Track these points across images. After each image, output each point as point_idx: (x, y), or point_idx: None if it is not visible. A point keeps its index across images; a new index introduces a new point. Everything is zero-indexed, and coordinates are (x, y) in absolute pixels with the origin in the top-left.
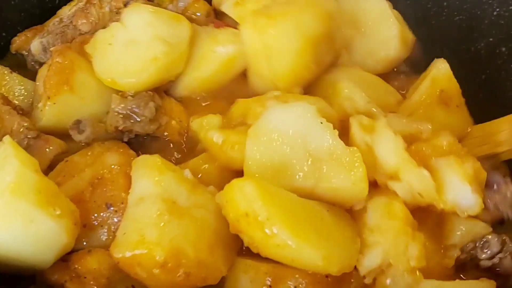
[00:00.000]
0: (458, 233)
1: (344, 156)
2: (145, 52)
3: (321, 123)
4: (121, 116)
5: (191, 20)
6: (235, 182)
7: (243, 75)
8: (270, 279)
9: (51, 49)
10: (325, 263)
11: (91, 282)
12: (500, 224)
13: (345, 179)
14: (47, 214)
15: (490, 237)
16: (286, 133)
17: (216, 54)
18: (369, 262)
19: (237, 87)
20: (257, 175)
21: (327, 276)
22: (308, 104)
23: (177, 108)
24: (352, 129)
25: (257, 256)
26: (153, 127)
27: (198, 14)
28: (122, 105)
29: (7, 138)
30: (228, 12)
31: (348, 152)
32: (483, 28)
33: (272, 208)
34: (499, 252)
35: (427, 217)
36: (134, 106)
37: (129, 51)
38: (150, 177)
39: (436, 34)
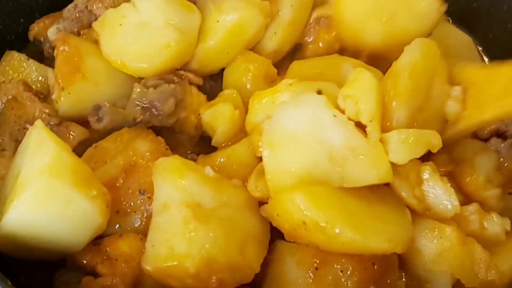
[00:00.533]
0: None
1: (366, 151)
2: (158, 37)
3: (335, 116)
4: (139, 108)
5: None
6: (283, 195)
7: None
8: (317, 261)
9: (52, 38)
10: (391, 245)
11: (122, 265)
12: None
13: (371, 175)
14: (84, 194)
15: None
16: (300, 134)
17: (220, 24)
18: None
19: None
20: (280, 185)
21: (373, 263)
22: (317, 96)
23: (198, 100)
24: (400, 193)
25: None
26: (171, 121)
27: None
28: (143, 97)
29: (39, 122)
30: None
31: (369, 146)
32: (501, 14)
33: (328, 210)
34: None
35: None
36: (154, 99)
37: (141, 35)
38: (172, 182)
39: (454, 20)
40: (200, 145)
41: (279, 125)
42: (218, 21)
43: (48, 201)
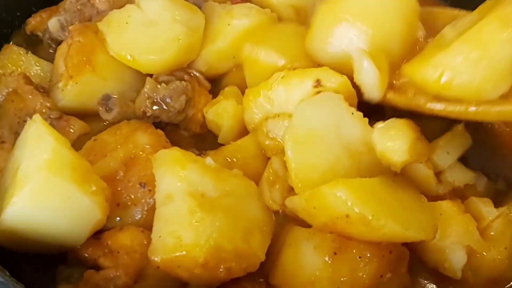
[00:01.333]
0: None
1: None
2: (167, 32)
3: (352, 113)
4: (150, 102)
5: None
6: (325, 189)
7: None
8: (337, 246)
9: (70, 28)
10: (426, 233)
11: (125, 257)
12: None
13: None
14: (83, 191)
15: None
16: (321, 131)
17: (231, 27)
18: (460, 262)
19: None
20: (306, 180)
21: (390, 251)
22: (335, 95)
23: (205, 100)
24: None
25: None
26: (179, 118)
27: None
28: (155, 92)
29: (38, 117)
30: None
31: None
32: None
33: (372, 203)
34: None
35: None
36: (166, 96)
37: (149, 31)
38: (174, 173)
39: None
40: (201, 142)
41: (301, 123)
42: (229, 24)
43: (47, 197)
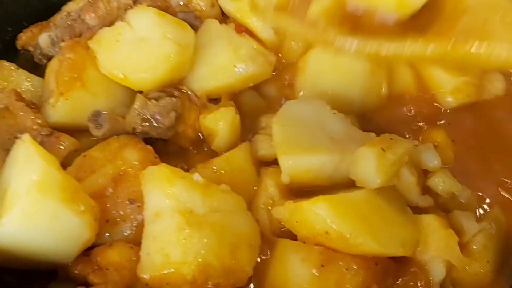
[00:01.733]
0: None
1: (361, 138)
2: (158, 50)
3: (334, 113)
4: (140, 118)
5: (200, 13)
6: (306, 205)
7: None
8: (324, 259)
9: (61, 44)
10: (404, 249)
11: (114, 273)
12: None
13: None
14: (72, 210)
15: None
16: (305, 119)
17: (236, 70)
18: (438, 276)
19: None
20: (287, 154)
21: (376, 263)
22: (320, 99)
23: (195, 115)
24: None
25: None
26: (169, 134)
27: (202, 4)
28: (145, 109)
29: (26, 137)
30: (225, 7)
31: (364, 135)
32: None
33: (351, 222)
34: None
35: None
36: (156, 112)
37: (140, 49)
38: (162, 190)
39: None
40: (190, 155)
41: (287, 113)
42: (235, 66)
43: (36, 218)
